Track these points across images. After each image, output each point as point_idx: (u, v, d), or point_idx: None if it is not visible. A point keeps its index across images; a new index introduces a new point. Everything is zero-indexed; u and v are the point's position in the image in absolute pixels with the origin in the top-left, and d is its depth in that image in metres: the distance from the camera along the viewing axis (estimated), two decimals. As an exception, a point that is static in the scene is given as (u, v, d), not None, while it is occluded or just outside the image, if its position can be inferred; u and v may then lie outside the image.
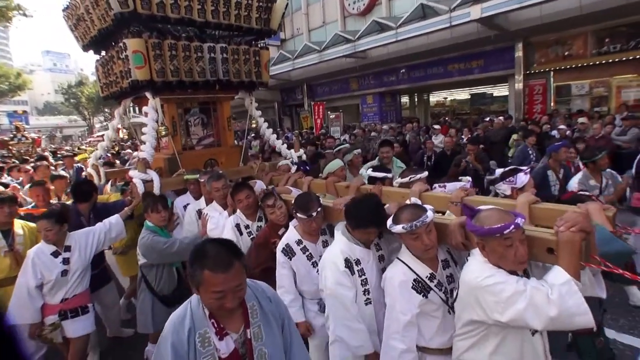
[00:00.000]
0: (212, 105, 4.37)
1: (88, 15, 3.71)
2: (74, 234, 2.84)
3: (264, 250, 2.55)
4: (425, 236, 1.69)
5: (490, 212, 1.53)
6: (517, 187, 2.30)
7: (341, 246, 2.03)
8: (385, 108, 15.77)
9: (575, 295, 1.34)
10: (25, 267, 2.66)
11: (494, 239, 1.45)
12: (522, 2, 8.53)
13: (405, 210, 1.75)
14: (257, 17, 4.07)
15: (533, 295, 1.37)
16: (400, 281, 1.75)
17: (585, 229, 1.39)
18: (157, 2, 3.35)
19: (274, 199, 2.58)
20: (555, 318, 1.35)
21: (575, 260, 1.38)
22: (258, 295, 1.44)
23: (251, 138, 11.41)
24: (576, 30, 9.83)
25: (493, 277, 1.45)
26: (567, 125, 7.69)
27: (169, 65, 3.52)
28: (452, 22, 9.78)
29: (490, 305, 1.45)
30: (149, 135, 3.70)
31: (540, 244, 1.49)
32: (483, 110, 14.82)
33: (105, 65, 4.01)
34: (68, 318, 2.74)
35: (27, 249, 2.93)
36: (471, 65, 12.23)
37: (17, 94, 37.05)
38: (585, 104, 10.54)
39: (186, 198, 3.62)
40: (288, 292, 2.32)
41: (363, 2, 14.79)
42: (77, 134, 59.56)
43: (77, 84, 45.65)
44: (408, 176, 2.67)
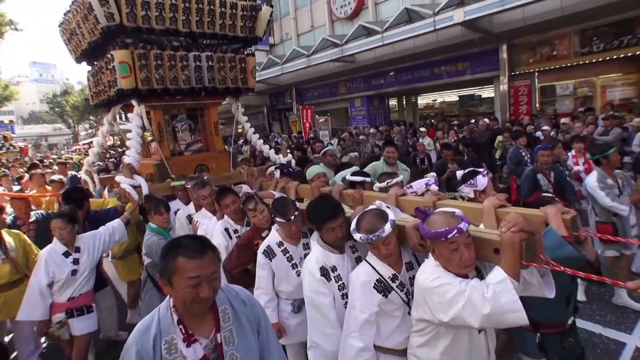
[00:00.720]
0: (199, 111, 4.41)
1: (79, 29, 3.85)
2: (82, 236, 3.00)
3: (246, 251, 2.59)
4: (383, 247, 1.73)
5: (436, 216, 1.57)
6: (478, 189, 2.33)
7: (317, 255, 2.08)
8: (373, 111, 15.81)
9: (509, 293, 1.37)
10: (38, 266, 2.81)
11: (440, 243, 1.50)
12: (503, 5, 8.63)
13: (365, 219, 1.77)
14: (242, 25, 4.14)
15: (471, 294, 1.42)
16: (363, 281, 1.80)
17: (525, 229, 1.42)
18: (142, 15, 3.47)
19: (254, 202, 2.62)
20: (489, 315, 1.38)
21: (515, 260, 1.41)
22: (231, 299, 1.42)
23: (242, 143, 11.32)
24: (559, 31, 9.96)
25: (439, 279, 1.51)
26: (551, 126, 7.76)
27: (154, 74, 3.63)
28: (436, 25, 9.86)
29: (435, 306, 1.51)
30: (133, 141, 3.80)
31: (488, 245, 1.54)
32: (472, 111, 14.90)
33: (95, 75, 4.15)
34: (74, 316, 2.90)
35: (20, 256, 3.16)
36: (457, 67, 12.33)
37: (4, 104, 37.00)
38: (570, 104, 10.69)
39: (176, 204, 3.66)
40: (265, 294, 2.38)
41: (350, 6, 14.85)
42: (62, 142, 59.03)
43: (62, 93, 45.59)
44: (385, 181, 2.71)
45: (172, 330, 1.27)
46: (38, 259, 2.88)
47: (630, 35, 8.92)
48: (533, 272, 1.49)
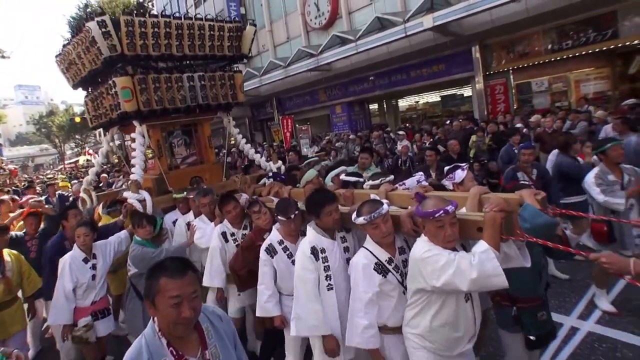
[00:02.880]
0: (193, 126, 4.72)
1: (79, 60, 4.14)
2: (97, 244, 3.22)
3: (250, 252, 2.76)
4: (383, 225, 2.00)
5: (431, 199, 1.85)
6: (456, 181, 2.58)
7: (309, 237, 2.34)
8: (354, 117, 15.84)
9: (493, 260, 1.62)
10: (62, 271, 3.02)
11: (429, 221, 1.78)
12: (470, 10, 8.77)
13: (365, 205, 2.07)
14: (229, 45, 4.49)
15: (460, 262, 1.67)
16: (364, 264, 2.04)
17: (505, 208, 1.69)
18: (140, 44, 3.79)
19: (259, 206, 2.88)
20: (476, 279, 1.62)
21: (496, 234, 1.67)
22: (209, 316, 1.51)
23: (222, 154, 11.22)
24: (528, 31, 10.11)
25: (431, 251, 1.76)
26: (524, 123, 7.79)
27: (153, 96, 3.93)
28: (407, 32, 9.97)
29: (429, 274, 1.74)
30: (138, 159, 4.02)
31: (473, 225, 1.82)
32: (454, 111, 14.92)
33: (95, 100, 4.42)
34: (99, 319, 3.17)
35: (16, 275, 3.36)
36: (433, 69, 12.43)
37: None
38: (546, 99, 10.78)
39: (174, 214, 3.94)
40: (267, 288, 2.56)
41: (324, 16, 14.95)
42: (47, 162, 58.67)
43: (48, 114, 45.48)
44: (378, 179, 2.95)
45: (163, 353, 1.32)
46: (61, 266, 3.06)
47: (596, 32, 9.06)
48: (511, 246, 1.75)
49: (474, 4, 8.80)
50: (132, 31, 3.73)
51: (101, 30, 3.61)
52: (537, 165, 4.40)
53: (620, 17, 8.71)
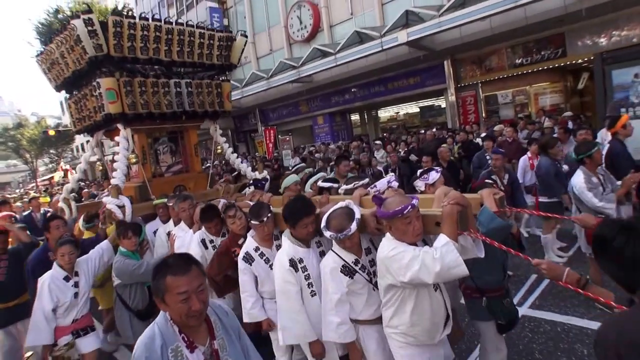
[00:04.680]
0: (179, 133, 4.64)
1: (63, 59, 4.00)
2: (79, 261, 3.13)
3: (225, 258, 2.81)
4: (347, 241, 2.10)
5: (392, 199, 1.93)
6: (429, 182, 2.76)
7: (286, 249, 2.37)
8: (336, 127, 16.39)
9: (453, 252, 1.72)
10: (41, 292, 2.90)
11: (397, 220, 1.84)
12: (440, 26, 9.50)
13: (334, 218, 2.12)
14: (218, 54, 4.46)
15: (424, 257, 1.76)
16: (331, 268, 2.13)
17: (460, 202, 1.80)
18: (128, 46, 3.70)
19: (234, 210, 2.89)
20: (439, 272, 1.72)
21: (454, 227, 1.78)
22: (217, 311, 1.60)
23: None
24: (493, 47, 10.97)
25: (396, 249, 1.85)
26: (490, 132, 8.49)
27: (139, 99, 3.86)
28: (383, 46, 10.62)
29: (396, 270, 1.83)
30: (120, 163, 3.95)
31: (431, 220, 1.92)
32: (431, 122, 15.65)
33: (78, 102, 4.32)
34: (80, 336, 3.08)
35: None
36: (409, 82, 13.16)
37: None
38: (511, 111, 11.68)
39: (155, 224, 3.90)
40: (251, 296, 2.62)
41: (307, 29, 15.54)
42: (16, 180, 55.22)
43: (15, 126, 42.45)
44: (352, 183, 3.05)
45: (176, 339, 1.41)
46: (39, 287, 2.92)
47: (549, 50, 10.03)
48: (467, 239, 1.87)
49: (444, 21, 9.52)
50: (120, 32, 3.63)
51: (87, 28, 3.49)
52: (509, 171, 4.72)
53: (567, 38, 9.70)
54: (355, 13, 13.87)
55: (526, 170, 5.62)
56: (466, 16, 9.15)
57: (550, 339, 3.38)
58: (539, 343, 3.34)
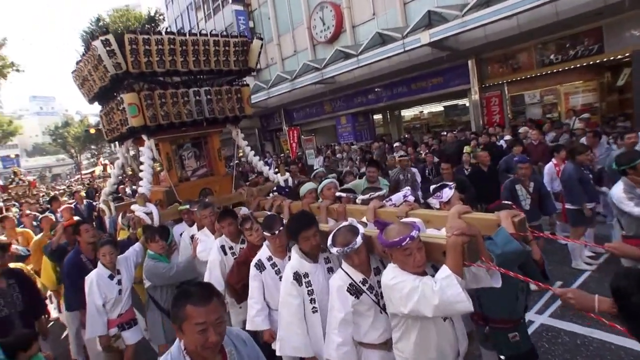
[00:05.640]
0: (203, 139, 4.80)
1: (90, 77, 4.26)
2: (119, 259, 3.37)
3: (244, 267, 2.86)
4: (355, 257, 2.05)
5: (392, 226, 1.86)
6: (443, 200, 2.59)
7: (292, 262, 2.39)
8: (359, 127, 16.45)
9: (454, 287, 1.62)
10: (90, 289, 3.17)
11: (396, 250, 1.78)
12: (464, 26, 9.34)
13: (340, 234, 2.08)
14: (235, 59, 4.52)
15: (423, 289, 1.68)
16: (338, 286, 2.09)
17: (467, 232, 1.68)
18: (145, 62, 3.86)
19: (250, 222, 2.96)
20: (438, 305, 1.63)
21: (458, 259, 1.66)
22: (234, 340, 1.55)
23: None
24: (520, 46, 10.64)
25: (396, 278, 1.78)
26: (512, 135, 8.33)
27: (159, 111, 4.03)
28: (405, 47, 10.57)
29: (397, 301, 1.78)
30: (146, 172, 4.14)
31: (437, 249, 1.82)
32: (455, 121, 15.44)
33: (108, 115, 4.59)
34: (125, 329, 3.36)
35: None
36: (432, 82, 13.01)
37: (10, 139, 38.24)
38: (538, 111, 11.29)
39: (181, 227, 4.06)
40: (257, 303, 2.65)
41: (329, 30, 15.67)
42: (65, 172, 60.10)
43: (63, 125, 46.56)
44: (368, 194, 3.06)
45: None
46: (87, 284, 3.19)
47: (582, 46, 9.59)
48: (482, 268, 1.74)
49: (467, 21, 9.36)
50: (135, 49, 3.76)
51: (106, 48, 3.68)
52: (535, 178, 4.56)
53: (605, 33, 9.23)
54: (378, 13, 13.84)
55: (553, 177, 5.48)
56: (491, 15, 8.92)
57: (567, 351, 3.22)
58: (554, 355, 3.20)
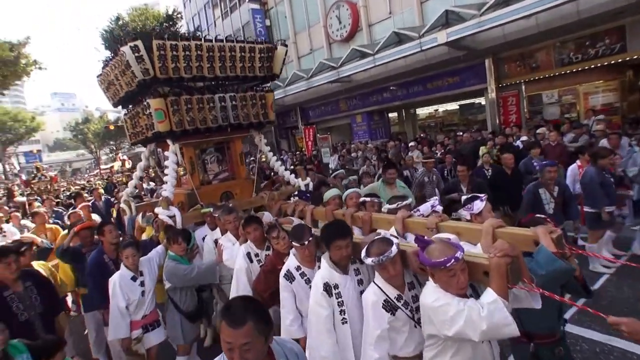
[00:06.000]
0: (225, 144, 4.83)
1: (117, 81, 4.31)
2: (142, 260, 3.36)
3: (271, 275, 2.84)
4: (391, 267, 2.00)
5: (435, 245, 1.81)
6: (474, 212, 2.51)
7: (322, 272, 2.35)
8: (374, 125, 16.56)
9: (502, 311, 1.61)
10: (114, 291, 3.17)
11: (440, 270, 1.73)
12: (481, 26, 9.36)
13: (374, 245, 2.05)
14: (260, 65, 4.54)
15: (470, 313, 1.65)
16: (373, 301, 2.06)
17: (510, 254, 1.67)
18: (172, 67, 3.88)
19: (277, 230, 2.92)
20: (486, 331, 1.62)
21: (502, 282, 1.66)
22: (287, 352, 1.54)
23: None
24: (539, 45, 10.57)
25: (440, 300, 1.74)
26: (530, 136, 8.32)
27: (185, 117, 4.06)
28: (422, 46, 10.64)
29: (440, 323, 1.74)
30: (170, 177, 4.17)
31: (479, 269, 1.79)
32: (470, 120, 15.40)
33: (133, 118, 4.65)
34: (149, 331, 3.35)
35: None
36: (448, 81, 13.02)
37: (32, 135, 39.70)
38: (556, 111, 11.20)
39: (204, 230, 4.08)
40: (289, 312, 2.63)
41: (345, 29, 15.79)
42: (84, 167, 62.12)
43: (83, 121, 47.98)
44: (395, 203, 2.99)
45: None
46: (111, 286, 3.19)
47: (603, 45, 9.48)
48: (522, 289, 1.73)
49: (485, 21, 9.38)
50: (164, 55, 3.77)
51: (134, 54, 3.70)
52: (559, 182, 4.46)
53: (628, 31, 9.10)
54: (394, 12, 13.90)
55: (575, 179, 5.40)
56: (510, 14, 8.94)
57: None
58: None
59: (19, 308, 2.95)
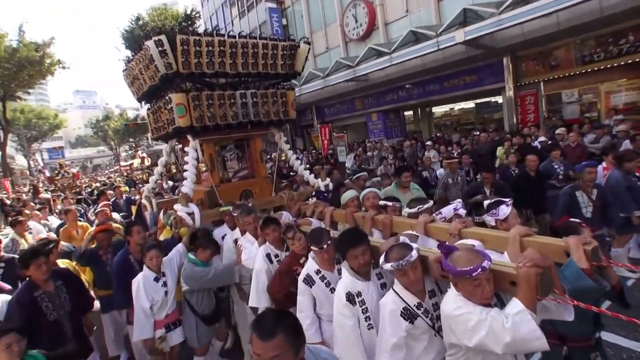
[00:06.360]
0: (245, 141, 4.80)
1: (141, 75, 4.36)
2: (164, 261, 3.39)
3: (287, 277, 2.83)
4: (411, 272, 1.92)
5: (461, 253, 1.73)
6: (499, 218, 2.38)
7: (344, 281, 2.30)
8: (390, 124, 16.55)
9: (529, 323, 1.51)
10: (137, 292, 3.22)
11: (464, 279, 1.65)
12: (500, 25, 9.29)
13: (394, 250, 1.99)
14: (282, 63, 4.51)
15: (492, 323, 1.56)
16: (390, 309, 1.98)
17: (540, 264, 1.58)
18: (195, 62, 3.87)
19: (293, 231, 2.89)
20: (510, 343, 1.53)
21: (531, 293, 1.56)
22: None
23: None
24: (559, 43, 10.40)
25: (461, 308, 1.66)
26: (549, 136, 8.23)
27: (206, 113, 4.05)
28: (439, 45, 10.62)
29: (460, 333, 1.66)
30: (189, 172, 4.15)
31: (505, 278, 1.70)
32: (487, 119, 15.25)
33: (155, 113, 4.68)
34: (171, 329, 3.40)
35: None
36: (465, 80, 12.93)
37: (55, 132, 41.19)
38: (576, 110, 11.01)
39: (223, 229, 4.00)
40: (307, 317, 2.60)
41: (362, 28, 15.82)
42: (105, 163, 63.95)
43: (104, 118, 49.25)
44: (416, 207, 2.91)
45: None
46: (135, 288, 3.24)
47: (627, 43, 9.28)
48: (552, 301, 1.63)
49: (504, 19, 9.29)
50: (187, 50, 3.77)
51: (158, 49, 3.71)
52: (598, 185, 4.26)
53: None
54: (411, 10, 13.87)
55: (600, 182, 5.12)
56: (529, 12, 8.81)
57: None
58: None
59: (48, 308, 2.99)
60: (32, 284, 3.01)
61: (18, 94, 23.37)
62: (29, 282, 3.03)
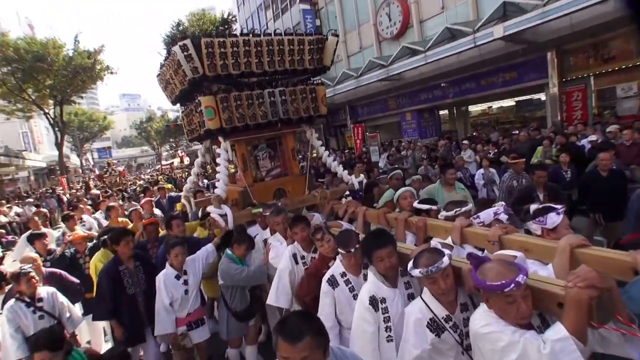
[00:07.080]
0: (277, 140, 4.78)
1: (172, 80, 4.43)
2: (187, 260, 3.43)
3: (315, 279, 2.73)
4: (442, 280, 1.74)
5: (491, 265, 1.54)
6: (547, 227, 2.09)
7: (369, 285, 2.17)
8: (424, 123, 16.17)
9: (572, 354, 1.29)
10: (159, 288, 3.29)
11: (494, 295, 1.46)
12: (545, 17, 8.75)
13: (423, 255, 1.82)
14: (310, 58, 4.42)
15: (526, 347, 1.35)
16: (416, 318, 1.83)
17: (596, 284, 1.30)
18: (221, 64, 3.88)
19: (322, 233, 2.81)
20: None
21: (581, 319, 1.31)
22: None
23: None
24: (615, 33, 9.59)
25: (490, 326, 1.48)
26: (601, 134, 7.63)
27: (235, 114, 4.05)
28: (476, 42, 10.22)
29: (488, 354, 1.48)
30: (221, 174, 4.17)
31: (551, 298, 1.45)
32: (527, 117, 14.45)
33: (188, 116, 4.79)
34: (193, 328, 3.45)
35: None
36: (504, 77, 12.33)
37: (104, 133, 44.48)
38: (633, 105, 10.14)
39: (255, 229, 4.01)
40: (327, 320, 2.43)
41: (396, 27, 15.58)
42: (147, 162, 67.78)
43: (147, 120, 52.34)
44: (453, 209, 2.72)
45: None
46: (157, 284, 3.32)
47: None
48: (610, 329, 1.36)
49: (549, 11, 8.74)
50: (212, 52, 3.77)
51: (184, 53, 3.73)
52: None
53: None
54: (447, 7, 13.47)
55: None
56: (580, 1, 8.18)
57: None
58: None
59: (128, 282, 3.46)
60: (118, 259, 3.51)
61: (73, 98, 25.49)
62: (116, 257, 3.54)
